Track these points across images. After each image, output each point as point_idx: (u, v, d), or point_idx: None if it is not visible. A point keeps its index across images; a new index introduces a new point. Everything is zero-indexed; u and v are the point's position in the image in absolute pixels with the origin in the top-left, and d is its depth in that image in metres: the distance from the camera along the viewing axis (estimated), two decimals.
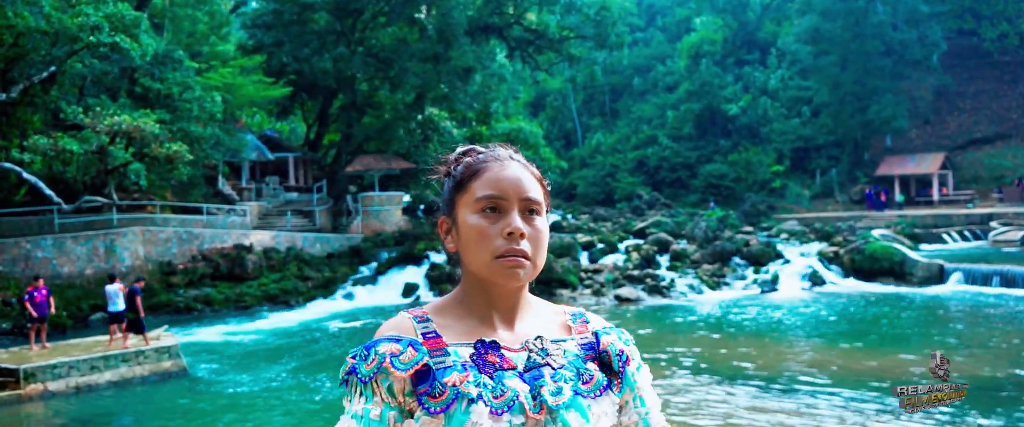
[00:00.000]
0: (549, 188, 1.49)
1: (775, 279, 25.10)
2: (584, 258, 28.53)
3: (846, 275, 25.80)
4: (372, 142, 35.63)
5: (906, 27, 42.70)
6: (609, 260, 28.03)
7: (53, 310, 15.75)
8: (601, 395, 1.39)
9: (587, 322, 1.49)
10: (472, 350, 1.35)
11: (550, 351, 1.39)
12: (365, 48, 33.52)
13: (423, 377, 1.29)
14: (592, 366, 1.41)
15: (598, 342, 1.45)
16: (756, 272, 26.12)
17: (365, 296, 25.33)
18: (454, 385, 1.29)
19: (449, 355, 1.33)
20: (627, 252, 28.41)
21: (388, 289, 26.08)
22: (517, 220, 1.35)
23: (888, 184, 41.52)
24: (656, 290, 24.16)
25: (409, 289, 25.92)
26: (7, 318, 19.63)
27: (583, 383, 1.38)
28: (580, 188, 49.20)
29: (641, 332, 19.08)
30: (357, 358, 1.32)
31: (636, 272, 25.72)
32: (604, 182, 48.17)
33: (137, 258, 23.40)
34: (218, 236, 25.75)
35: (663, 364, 14.71)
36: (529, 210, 1.38)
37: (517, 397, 1.30)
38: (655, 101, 52.54)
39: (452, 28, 31.27)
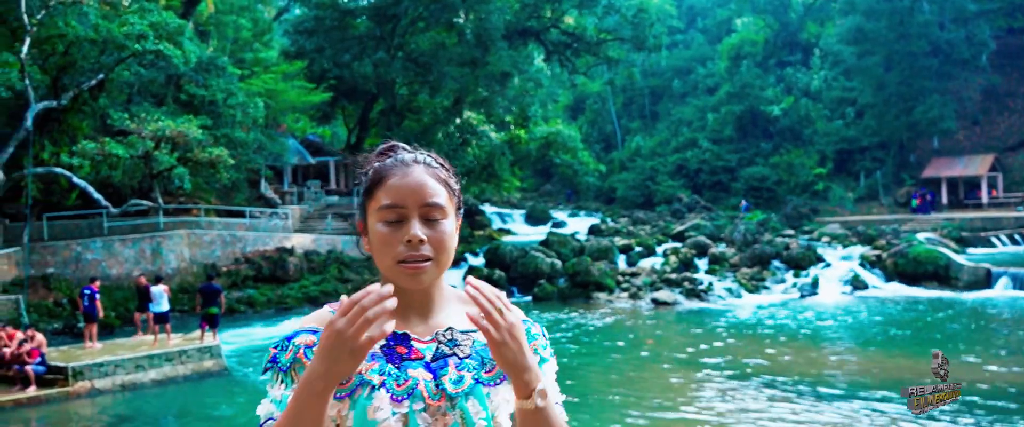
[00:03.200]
0: (457, 189, 1.53)
1: (815, 283, 24.78)
2: (621, 261, 28.48)
3: (889, 279, 25.35)
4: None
5: (953, 26, 41.78)
6: (646, 263, 27.93)
7: (100, 313, 16.19)
8: (501, 384, 1.43)
9: None
10: (383, 341, 1.42)
11: (459, 341, 1.46)
12: (404, 53, 33.87)
13: None
14: None
15: None
16: (796, 276, 25.80)
17: None
18: (360, 373, 1.37)
19: None
20: (665, 255, 28.28)
21: None
22: (416, 228, 1.41)
23: (935, 186, 40.67)
24: (694, 293, 24.00)
25: None
26: (58, 318, 20.23)
27: (486, 372, 1.44)
28: (619, 191, 49.05)
29: (678, 336, 19.00)
30: (278, 349, 1.43)
31: (674, 275, 25.59)
32: (644, 185, 47.95)
33: (182, 260, 23.94)
34: (260, 239, 26.23)
35: (700, 368, 14.64)
36: (429, 217, 1.43)
37: (417, 385, 1.39)
38: (695, 103, 52.16)
39: (489, 32, 31.45)
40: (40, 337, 14.25)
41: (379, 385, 1.37)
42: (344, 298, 1.37)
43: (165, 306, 15.44)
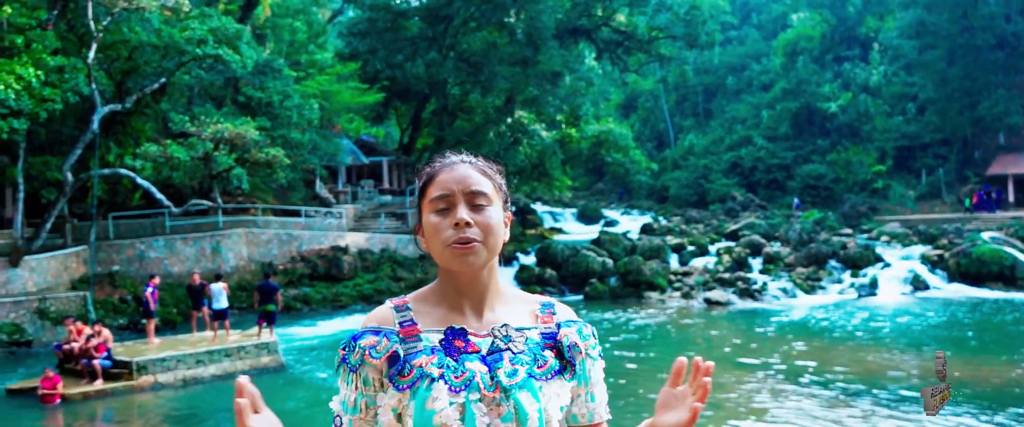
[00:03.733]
0: (503, 184, 1.64)
1: (874, 283, 24.24)
2: (674, 261, 28.26)
3: (951, 280, 24.67)
4: (463, 145, 35.89)
5: (1020, 18, 40.40)
6: (699, 263, 27.67)
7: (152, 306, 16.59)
8: (552, 378, 1.53)
9: (554, 313, 1.63)
10: (442, 336, 1.53)
11: (513, 337, 1.55)
12: (456, 53, 34.11)
13: (395, 360, 1.50)
14: (549, 353, 1.56)
15: (558, 332, 1.59)
16: (854, 276, 25.29)
17: None
18: (420, 366, 1.48)
19: (421, 340, 1.52)
20: (718, 254, 27.98)
21: None
22: (462, 211, 1.52)
23: (1001, 184, 39.35)
24: (747, 293, 23.70)
25: None
26: (123, 314, 20.93)
27: (538, 367, 1.53)
28: (672, 190, 48.62)
29: (730, 336, 18.80)
30: (347, 350, 1.54)
31: (727, 275, 25.30)
32: (697, 184, 47.45)
33: (241, 258, 24.52)
34: (316, 238, 26.72)
35: (752, 369, 14.47)
36: (474, 203, 1.54)
37: (474, 377, 1.47)
38: (750, 100, 51.42)
39: (540, 31, 31.48)
40: (106, 332, 14.77)
41: (438, 377, 1.46)
42: (388, 304, 1.55)
43: (224, 303, 15.85)
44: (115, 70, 22.78)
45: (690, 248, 29.30)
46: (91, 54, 20.59)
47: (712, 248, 29.35)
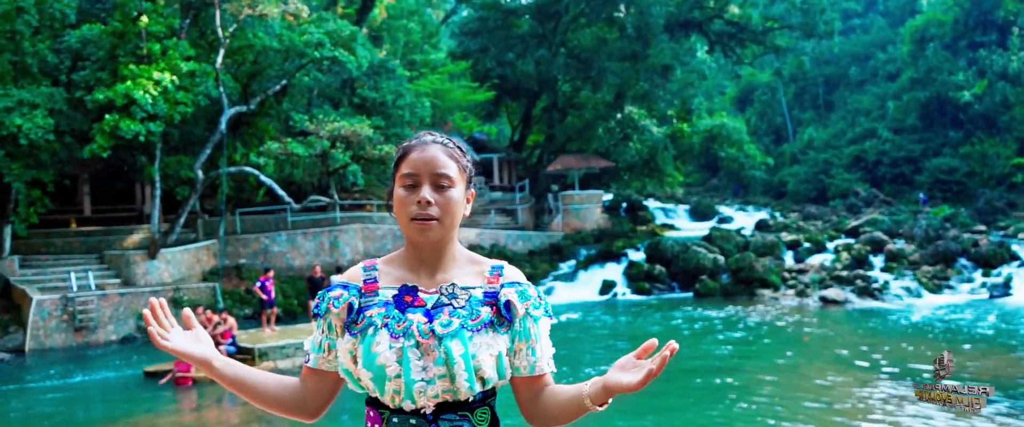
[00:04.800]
0: (469, 165, 1.85)
1: (1008, 282, 22.75)
2: (789, 258, 27.39)
3: None
4: (573, 142, 36.26)
5: None
6: (815, 260, 26.70)
7: (270, 297, 17.42)
8: (482, 330, 1.74)
9: (501, 275, 1.84)
10: (396, 292, 1.78)
11: (458, 295, 1.77)
12: (566, 49, 34.19)
13: (351, 311, 1.77)
14: (485, 308, 1.77)
15: (499, 291, 1.80)
16: (986, 275, 23.79)
17: (564, 292, 25.84)
18: (370, 316, 1.74)
19: (378, 295, 1.78)
20: (836, 252, 26.90)
21: (586, 286, 26.48)
22: (426, 192, 1.74)
23: None
24: (867, 292, 22.71)
25: (607, 286, 26.16)
26: (249, 304, 22.15)
27: (471, 320, 1.74)
28: (790, 185, 47.00)
29: (846, 336, 18.10)
30: (320, 300, 1.80)
31: (845, 273, 24.31)
32: (817, 179, 45.68)
33: (357, 253, 25.47)
34: None
35: (871, 371, 13.91)
36: (438, 184, 1.76)
37: (411, 326, 1.71)
38: (874, 91, 49.09)
39: (650, 25, 31.15)
40: (231, 320, 15.71)
41: (382, 326, 1.72)
42: (360, 264, 1.85)
43: None
44: (241, 74, 24.12)
45: (806, 245, 28.30)
46: (219, 59, 21.90)
47: (830, 245, 28.25)
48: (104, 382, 15.06)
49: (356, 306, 1.76)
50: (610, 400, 1.68)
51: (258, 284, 17.22)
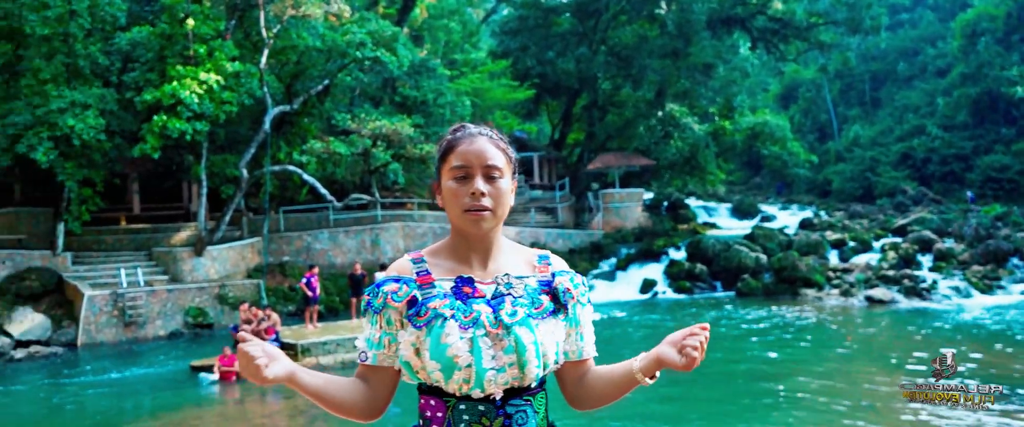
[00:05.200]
0: (513, 155, 1.90)
1: None
2: (833, 257, 26.96)
3: None
4: (614, 140, 36.12)
5: None
6: (861, 259, 26.22)
7: (315, 294, 17.68)
8: (547, 318, 1.81)
9: (549, 264, 1.92)
10: (453, 283, 1.81)
11: (513, 284, 1.82)
12: (606, 48, 34.06)
13: (413, 304, 1.78)
14: (544, 297, 1.84)
15: (553, 280, 1.87)
16: None
17: (605, 291, 25.74)
18: (435, 308, 1.76)
19: (435, 287, 1.80)
20: (883, 251, 26.38)
21: (627, 285, 26.36)
22: (479, 183, 1.78)
23: None
24: (914, 292, 22.25)
25: (648, 285, 26.02)
26: (292, 301, 22.47)
27: (535, 308, 1.80)
28: (835, 184, 46.22)
29: (892, 337, 17.76)
30: (371, 295, 1.82)
31: (892, 272, 23.84)
32: (863, 177, 44.84)
33: (398, 250, 25.68)
34: None
35: (919, 374, 13.63)
36: (489, 175, 1.80)
37: (480, 316, 1.75)
38: (923, 87, 48.02)
39: (692, 23, 30.90)
40: (275, 316, 15.98)
41: (450, 316, 1.74)
42: (405, 257, 1.87)
43: None
44: (284, 74, 24.49)
45: (852, 244, 27.80)
46: (263, 60, 22.26)
47: (876, 244, 27.70)
48: (152, 376, 15.43)
49: (419, 298, 1.78)
50: (658, 373, 1.78)
51: (304, 280, 17.51)
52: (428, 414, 1.79)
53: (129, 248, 23.47)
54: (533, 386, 1.78)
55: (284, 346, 15.20)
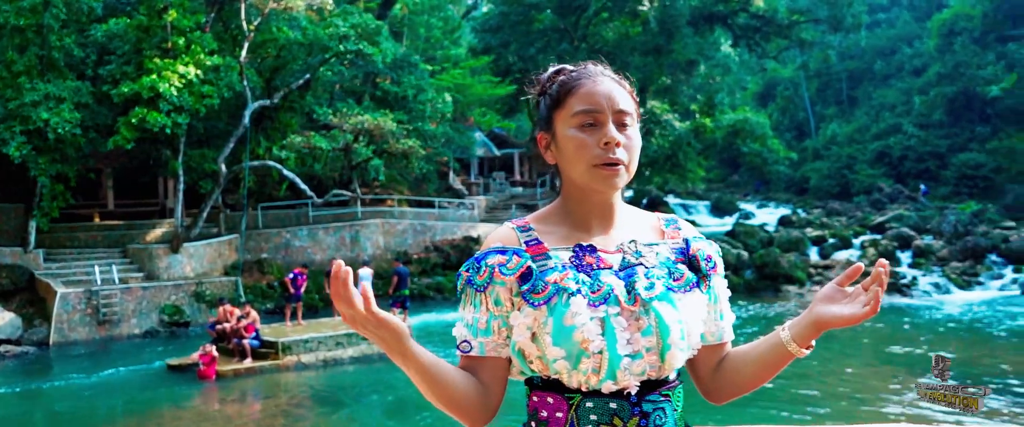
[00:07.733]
0: (639, 101, 1.56)
1: None
2: (814, 254, 27.10)
3: None
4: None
5: None
6: (841, 256, 26.39)
7: (298, 291, 17.45)
8: (690, 291, 1.49)
9: (680, 229, 1.60)
10: (571, 253, 1.48)
11: (644, 253, 1.51)
12: (588, 44, 33.99)
13: (526, 278, 1.44)
14: (682, 267, 1.52)
15: (688, 247, 1.56)
16: (1016, 271, 23.41)
17: None
18: (555, 282, 1.42)
19: (550, 258, 1.47)
20: (862, 247, 26.55)
21: None
22: (612, 131, 1.45)
23: None
24: (894, 288, 22.40)
25: None
26: (270, 298, 22.15)
27: (674, 280, 1.48)
28: (813, 181, 46.54)
29: (872, 332, 17.82)
30: (470, 271, 1.48)
31: (872, 268, 23.94)
32: (840, 175, 45.17)
33: (378, 247, 25.44)
34: (449, 228, 27.34)
35: (901, 366, 13.67)
36: (621, 122, 1.48)
37: (612, 291, 1.42)
38: (900, 86, 48.44)
39: (674, 19, 30.90)
40: (254, 314, 15.67)
41: (575, 291, 1.41)
42: (507, 225, 1.52)
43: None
44: (264, 68, 24.13)
45: (831, 241, 27.97)
46: (243, 53, 21.90)
47: (856, 241, 27.90)
48: (127, 375, 15.10)
49: (535, 270, 1.44)
50: (814, 341, 1.48)
51: (290, 276, 17.23)
52: (543, 414, 1.45)
53: (103, 245, 23.01)
54: (671, 378, 1.47)
55: (265, 344, 14.95)
